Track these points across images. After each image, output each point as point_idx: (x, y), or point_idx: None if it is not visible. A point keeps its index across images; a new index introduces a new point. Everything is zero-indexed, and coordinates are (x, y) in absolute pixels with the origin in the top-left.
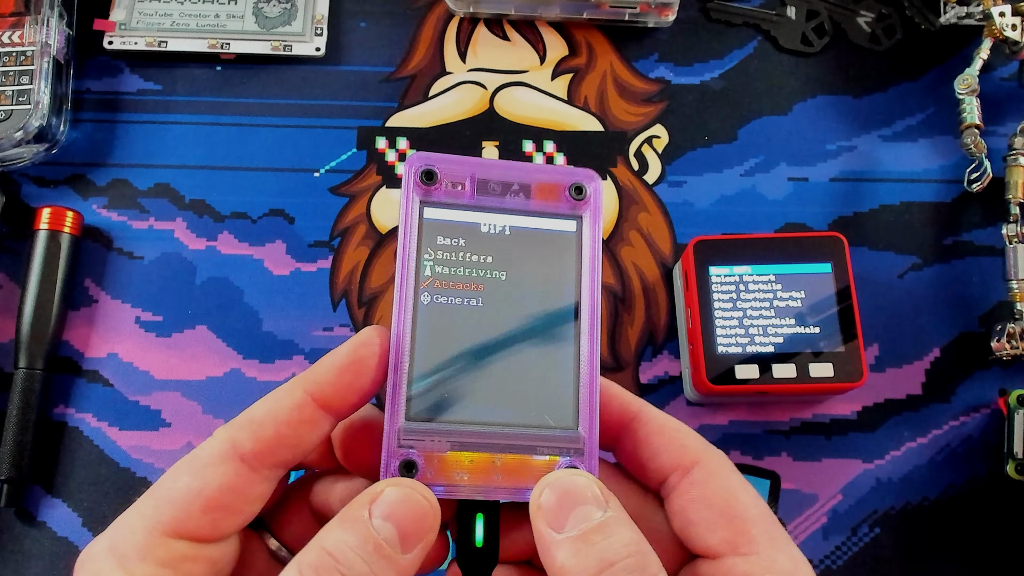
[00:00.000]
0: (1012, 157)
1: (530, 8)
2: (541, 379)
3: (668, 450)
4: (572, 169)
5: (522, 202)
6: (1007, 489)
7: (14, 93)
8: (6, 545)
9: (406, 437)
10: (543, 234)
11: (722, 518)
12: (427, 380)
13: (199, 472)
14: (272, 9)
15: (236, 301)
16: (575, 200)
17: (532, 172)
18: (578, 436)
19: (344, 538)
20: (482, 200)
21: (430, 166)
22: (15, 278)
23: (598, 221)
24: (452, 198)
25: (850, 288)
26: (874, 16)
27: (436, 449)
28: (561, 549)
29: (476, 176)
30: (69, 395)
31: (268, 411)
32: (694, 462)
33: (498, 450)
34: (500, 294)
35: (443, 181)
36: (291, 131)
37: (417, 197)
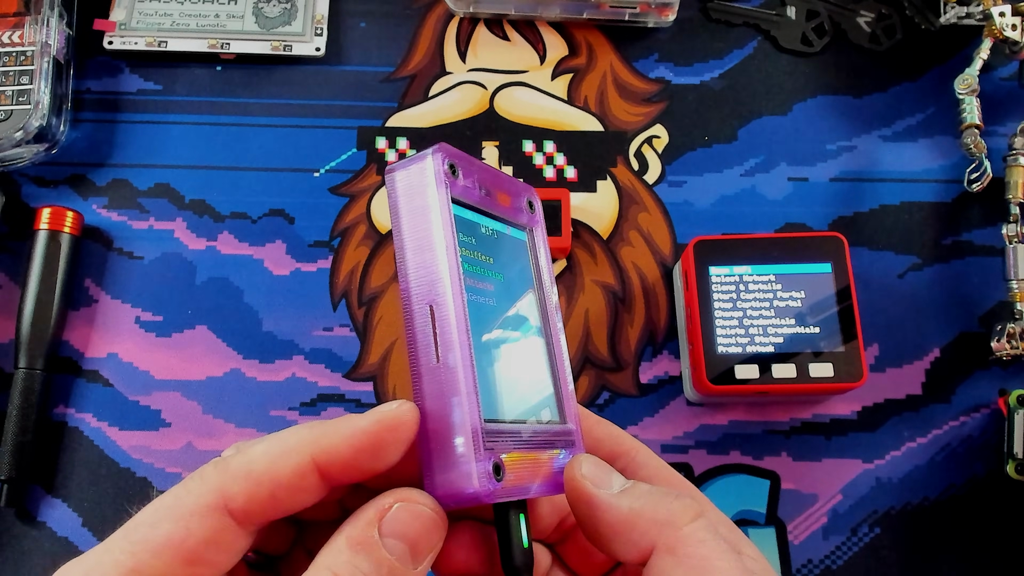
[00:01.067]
0: (1012, 157)
1: (530, 8)
2: (538, 378)
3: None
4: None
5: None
6: (1007, 489)
7: (14, 93)
8: (6, 545)
9: (489, 439)
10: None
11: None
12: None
13: (183, 521)
14: (272, 9)
15: (236, 301)
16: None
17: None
18: (570, 429)
19: (356, 563)
20: (481, 201)
21: (453, 160)
22: (15, 278)
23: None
24: (465, 196)
25: (850, 288)
26: (874, 16)
27: (505, 450)
28: (623, 498)
29: (477, 177)
30: (69, 395)
31: (267, 470)
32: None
33: (535, 447)
34: (502, 295)
35: (460, 177)
36: (291, 131)
37: (447, 190)
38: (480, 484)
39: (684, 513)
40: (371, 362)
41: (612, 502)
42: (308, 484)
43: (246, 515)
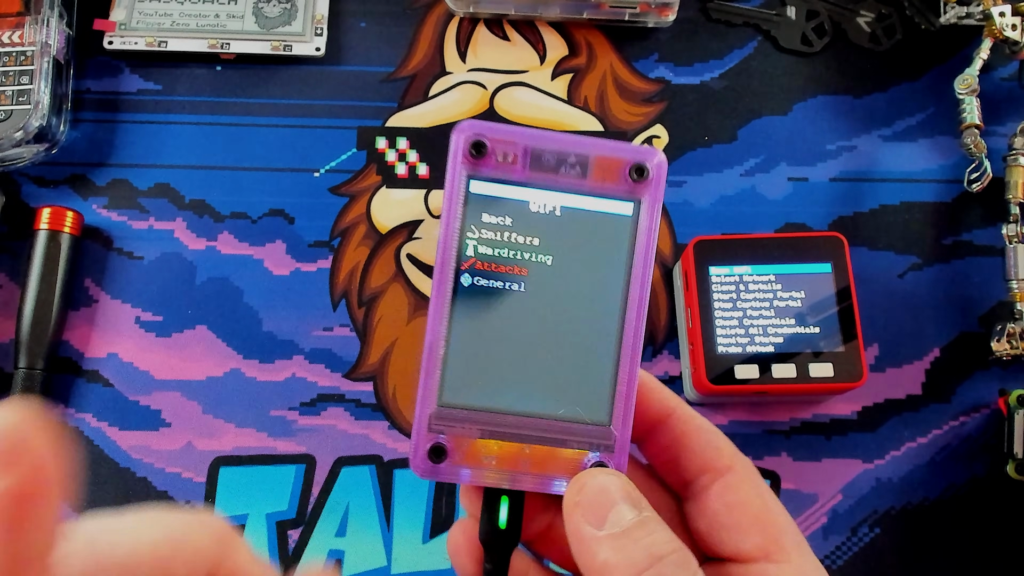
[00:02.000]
0: (1012, 157)
1: (530, 8)
2: (578, 371)
3: (703, 451)
4: (635, 147)
5: (576, 180)
6: (1007, 489)
7: (14, 93)
8: None
9: (437, 422)
10: (596, 216)
11: (757, 525)
12: (461, 365)
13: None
14: (272, 9)
15: (236, 301)
16: (634, 181)
17: (590, 146)
18: (610, 432)
19: None
20: (534, 176)
21: (480, 136)
22: (15, 278)
23: (657, 206)
24: (502, 172)
25: (850, 288)
26: (874, 16)
27: (466, 435)
28: (604, 546)
29: (529, 148)
30: (69, 395)
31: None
32: (728, 467)
33: (528, 440)
34: (544, 279)
35: (494, 153)
36: (291, 131)
37: (464, 170)
38: (415, 462)
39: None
40: (371, 362)
41: (590, 546)
42: None
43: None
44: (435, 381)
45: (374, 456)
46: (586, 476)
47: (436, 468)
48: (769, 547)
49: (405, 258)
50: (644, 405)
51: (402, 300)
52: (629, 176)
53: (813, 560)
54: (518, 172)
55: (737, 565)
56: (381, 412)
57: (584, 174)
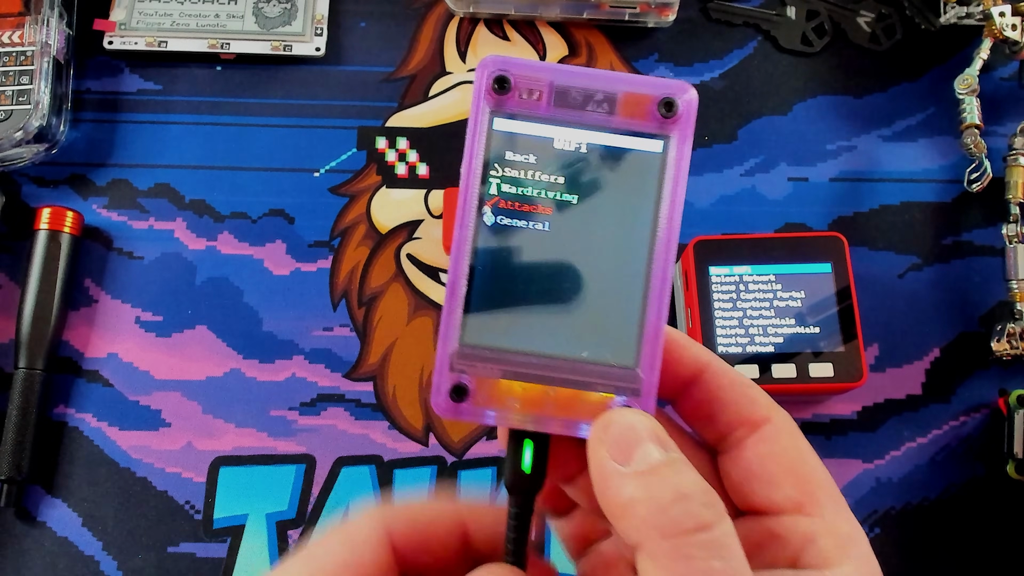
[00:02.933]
0: (1012, 157)
1: (530, 8)
2: (605, 313)
3: (738, 404)
4: (664, 81)
5: (604, 117)
6: (1007, 489)
7: (14, 93)
8: (6, 545)
9: (459, 362)
10: (624, 154)
11: (791, 476)
12: (484, 304)
13: (356, 546)
14: (272, 9)
15: (236, 301)
16: (664, 117)
17: (617, 81)
18: (636, 375)
19: None
20: (559, 113)
21: (504, 71)
22: (15, 278)
23: (687, 142)
24: (526, 109)
25: (850, 288)
26: (874, 16)
27: (488, 375)
28: (629, 482)
29: (554, 84)
30: (69, 395)
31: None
32: (765, 419)
33: (552, 382)
34: (569, 219)
35: (517, 89)
36: (291, 131)
37: (487, 106)
38: (436, 400)
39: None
40: (371, 362)
41: (615, 482)
42: (453, 544)
43: (401, 554)
44: (457, 320)
45: (374, 456)
46: (613, 414)
47: (458, 407)
48: (802, 499)
49: (405, 258)
50: (676, 362)
51: (402, 300)
52: (658, 112)
53: (848, 516)
54: (543, 109)
55: (768, 518)
56: (381, 412)
57: (611, 110)
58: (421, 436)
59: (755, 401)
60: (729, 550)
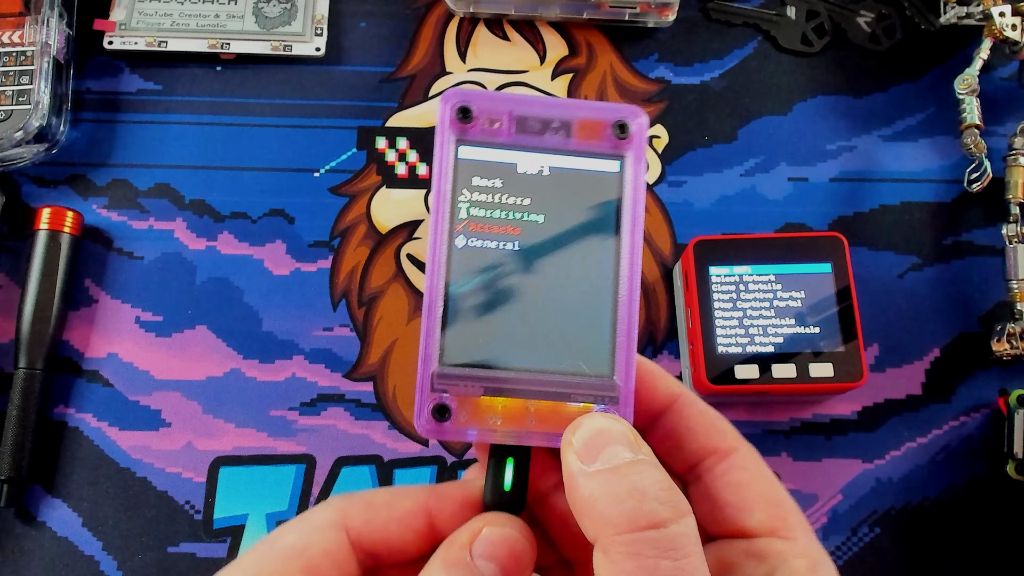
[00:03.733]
0: (1012, 157)
1: (530, 8)
2: (578, 325)
3: (708, 433)
4: (615, 105)
5: (562, 140)
6: (1007, 489)
7: (14, 93)
8: (6, 545)
9: (440, 382)
10: (583, 175)
11: (763, 503)
12: (461, 325)
13: (306, 532)
14: (272, 9)
15: (236, 301)
16: (618, 139)
17: (573, 109)
18: (613, 384)
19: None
20: (520, 139)
21: (466, 103)
22: (15, 278)
23: (642, 161)
24: (489, 136)
25: (850, 288)
26: (874, 16)
27: (469, 394)
28: (591, 480)
29: (514, 113)
30: (69, 395)
31: (385, 503)
32: (732, 448)
33: (532, 396)
34: (537, 237)
35: (479, 118)
36: (291, 131)
37: (452, 135)
38: (420, 422)
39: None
40: (371, 362)
41: (577, 481)
42: (417, 527)
43: (359, 539)
44: (436, 341)
45: (374, 456)
46: (584, 418)
47: (441, 427)
48: (775, 523)
49: (405, 258)
50: (648, 393)
51: (402, 300)
52: (613, 134)
53: (817, 542)
54: (505, 136)
55: (742, 541)
56: (381, 412)
57: (569, 135)
58: (421, 436)
59: (723, 431)
60: (681, 550)
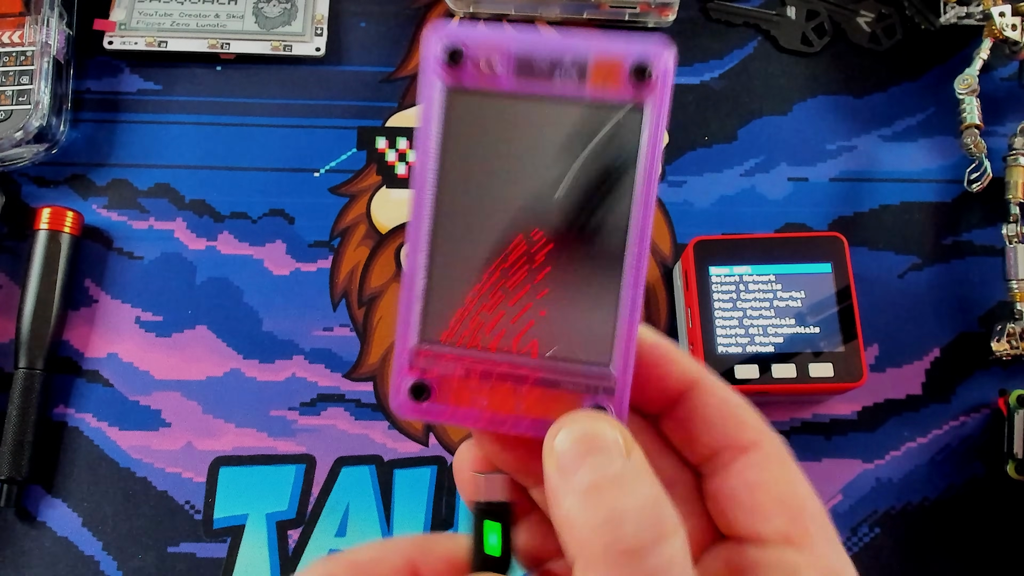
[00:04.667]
0: (1012, 157)
1: (530, 8)
2: (575, 306)
3: (726, 425)
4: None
5: (573, 86)
6: (1007, 489)
7: (14, 93)
8: (6, 545)
9: (418, 359)
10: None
11: (780, 507)
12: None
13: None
14: (272, 9)
15: (236, 301)
16: (637, 83)
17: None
18: (609, 374)
19: None
20: (523, 84)
21: (455, 44)
22: (15, 278)
23: (662, 114)
24: (485, 84)
25: (850, 288)
26: (874, 16)
27: (451, 373)
28: (568, 496)
29: (515, 54)
30: (69, 395)
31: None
32: (754, 443)
33: (519, 381)
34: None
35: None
36: (291, 131)
37: (439, 83)
38: (396, 400)
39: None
40: (371, 362)
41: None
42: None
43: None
44: (416, 314)
45: (374, 456)
46: (568, 419)
47: (419, 407)
48: (791, 531)
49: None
50: (663, 377)
51: None
52: (630, 77)
53: (838, 550)
54: (504, 82)
55: (753, 546)
56: (381, 412)
57: (582, 78)
58: (421, 436)
59: (744, 423)
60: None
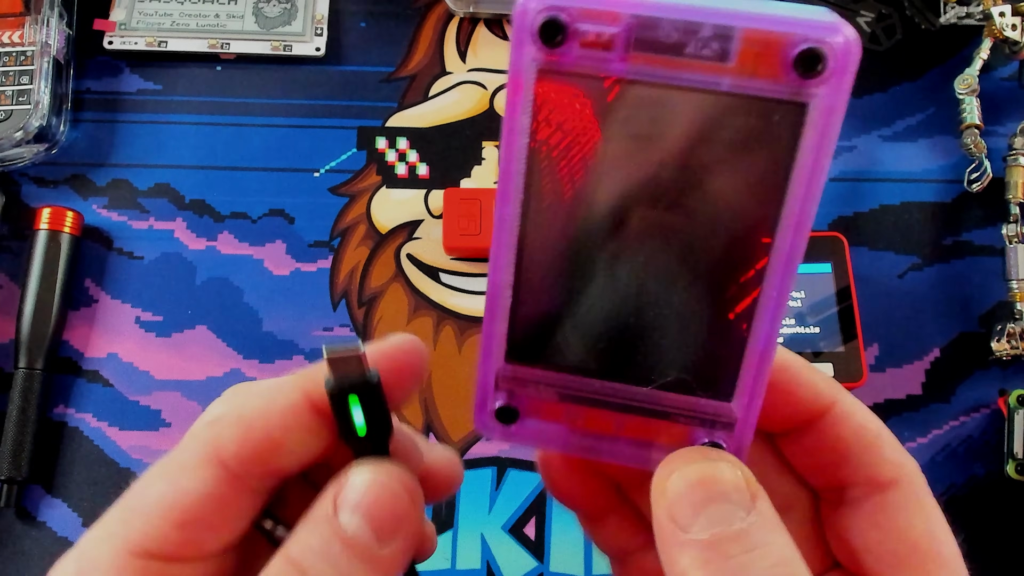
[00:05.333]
0: (1012, 157)
1: None
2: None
3: (860, 458)
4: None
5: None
6: (1007, 489)
7: (14, 93)
8: (6, 545)
9: (505, 380)
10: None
11: (915, 557)
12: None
13: (174, 478)
14: (272, 9)
15: (236, 301)
16: (802, 76)
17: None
18: (730, 409)
19: (308, 542)
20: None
21: (554, 14)
22: (15, 278)
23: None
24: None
25: (850, 288)
26: (874, 16)
27: (541, 397)
28: (685, 553)
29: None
30: (69, 395)
31: (258, 410)
32: (891, 481)
33: (618, 408)
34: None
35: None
36: (291, 131)
37: (534, 63)
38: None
39: None
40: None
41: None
42: (305, 424)
43: (242, 464)
44: (501, 331)
45: None
46: (683, 456)
47: (506, 430)
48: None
49: (405, 258)
50: (790, 403)
51: (402, 300)
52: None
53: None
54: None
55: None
56: None
57: (723, 59)
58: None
59: (882, 457)
60: None
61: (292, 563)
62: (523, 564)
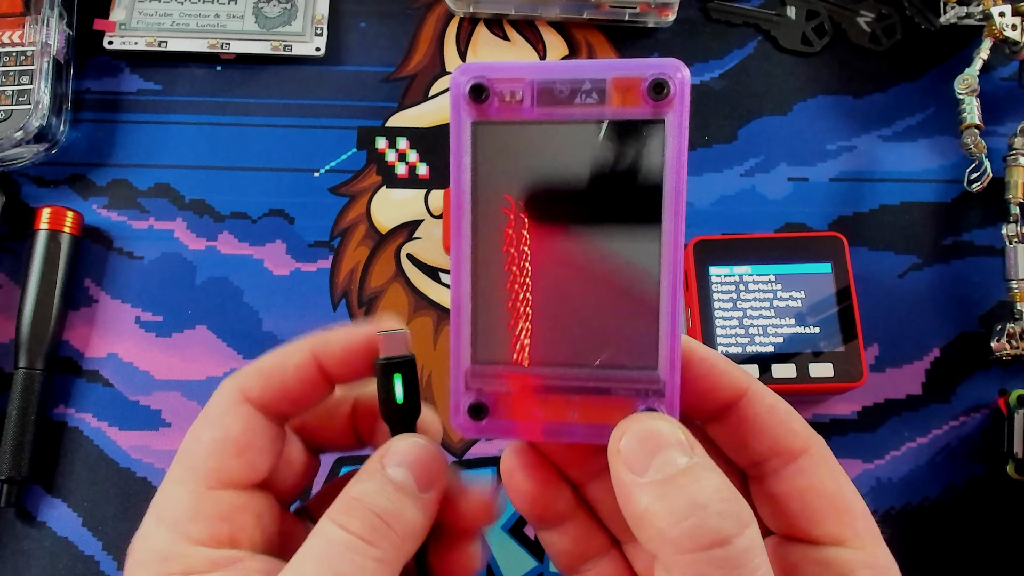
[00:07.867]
0: (1012, 157)
1: (530, 8)
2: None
3: (775, 432)
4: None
5: (595, 109)
6: (1007, 489)
7: (14, 93)
8: (6, 545)
9: (473, 380)
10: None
11: (831, 510)
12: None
13: (218, 422)
14: (272, 9)
15: (236, 301)
16: (655, 100)
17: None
18: (657, 377)
19: (364, 486)
20: (547, 111)
21: (479, 79)
22: (15, 278)
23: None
24: (510, 113)
25: (850, 288)
26: (874, 16)
27: (505, 391)
28: (645, 493)
29: (537, 82)
30: (69, 395)
31: (274, 365)
32: (802, 449)
33: (571, 392)
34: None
35: (496, 95)
36: (291, 131)
37: (468, 119)
38: (457, 421)
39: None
40: None
41: (631, 493)
42: (309, 377)
43: (265, 405)
44: (466, 338)
45: None
46: (630, 421)
47: (478, 426)
48: (842, 533)
49: (405, 258)
50: (713, 388)
51: (402, 300)
52: (648, 94)
53: (885, 548)
54: (527, 111)
55: (806, 546)
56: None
57: (603, 100)
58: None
59: (793, 430)
60: (748, 565)
61: (354, 499)
62: (523, 564)
